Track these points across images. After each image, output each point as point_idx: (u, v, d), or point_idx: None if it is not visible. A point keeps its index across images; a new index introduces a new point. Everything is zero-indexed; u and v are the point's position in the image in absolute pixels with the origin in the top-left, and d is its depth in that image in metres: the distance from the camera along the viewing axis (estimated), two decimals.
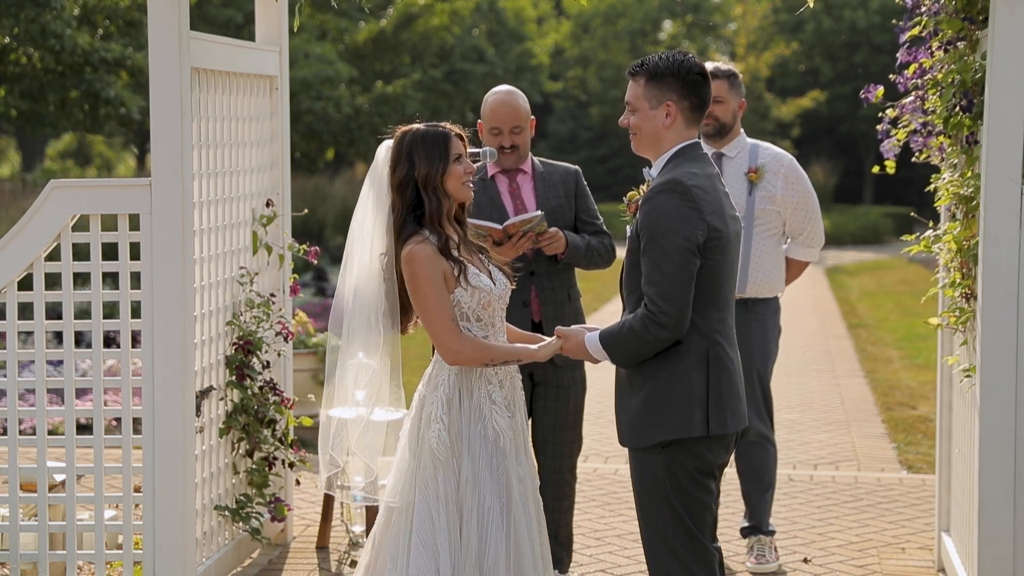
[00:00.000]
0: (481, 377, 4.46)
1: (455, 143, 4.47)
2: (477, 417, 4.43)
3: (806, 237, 6.44)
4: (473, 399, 4.44)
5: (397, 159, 4.45)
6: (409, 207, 4.42)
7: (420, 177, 4.41)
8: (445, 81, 26.85)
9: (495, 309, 4.49)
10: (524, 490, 4.49)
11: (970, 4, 5.16)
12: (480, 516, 4.38)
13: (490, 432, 4.42)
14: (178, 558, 5.33)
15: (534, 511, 4.53)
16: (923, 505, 7.32)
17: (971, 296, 5.19)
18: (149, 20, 5.20)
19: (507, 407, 4.50)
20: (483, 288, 4.43)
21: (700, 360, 4.19)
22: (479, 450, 4.41)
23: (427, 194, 4.41)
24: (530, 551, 4.44)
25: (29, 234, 5.37)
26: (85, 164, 38.50)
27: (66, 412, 5.44)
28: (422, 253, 4.36)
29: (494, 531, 4.37)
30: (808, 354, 13.11)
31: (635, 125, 4.31)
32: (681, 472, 4.21)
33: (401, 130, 4.50)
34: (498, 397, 4.48)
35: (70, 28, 16.74)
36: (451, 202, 4.47)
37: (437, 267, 4.37)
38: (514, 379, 4.58)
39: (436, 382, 4.47)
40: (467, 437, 4.41)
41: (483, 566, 4.36)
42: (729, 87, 6.30)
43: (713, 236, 4.16)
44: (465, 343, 4.38)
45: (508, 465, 4.44)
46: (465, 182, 4.47)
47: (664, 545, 4.24)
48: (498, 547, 4.37)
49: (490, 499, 4.39)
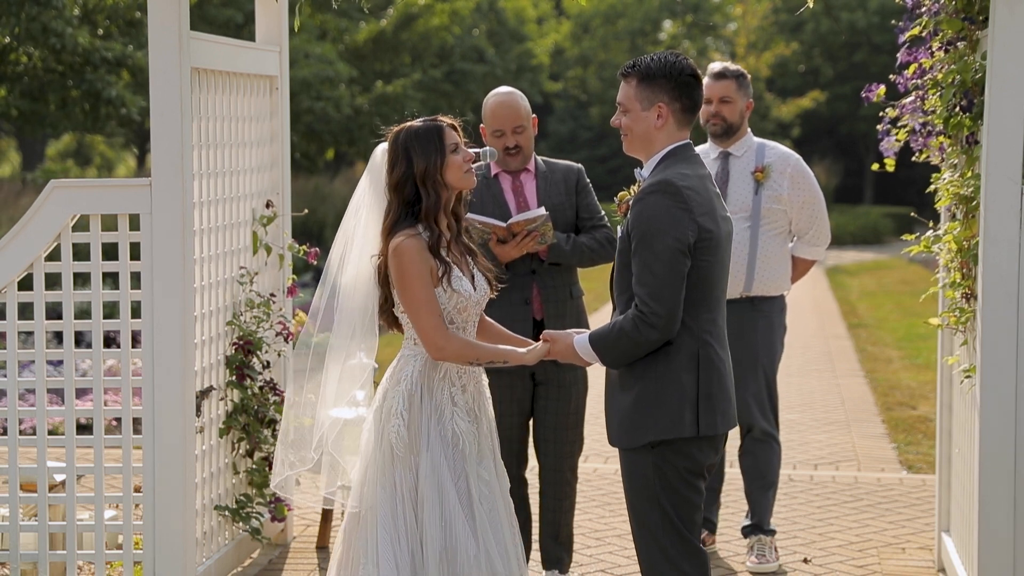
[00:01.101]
0: (445, 378, 4.46)
1: (449, 134, 4.47)
2: (437, 417, 4.42)
3: (812, 236, 6.45)
4: (434, 398, 4.44)
5: (394, 158, 4.45)
6: (406, 204, 4.43)
7: (419, 173, 4.41)
8: (445, 81, 26.86)
9: (470, 314, 4.50)
10: (489, 493, 4.48)
11: (970, 4, 5.15)
12: (444, 514, 4.37)
13: (449, 433, 4.42)
14: (178, 558, 5.33)
15: (504, 515, 4.51)
16: (923, 505, 7.32)
17: (971, 296, 5.19)
18: (149, 20, 5.20)
19: (468, 411, 4.48)
20: (462, 293, 4.44)
21: (691, 360, 4.19)
22: (439, 448, 4.40)
23: (425, 189, 4.42)
24: (501, 554, 4.44)
25: (29, 234, 5.37)
26: (85, 164, 38.49)
27: (66, 412, 5.44)
28: (411, 246, 4.36)
29: (460, 529, 4.37)
30: (808, 354, 13.11)
31: (627, 126, 4.31)
32: (671, 472, 4.22)
33: (395, 130, 4.51)
34: (460, 400, 4.47)
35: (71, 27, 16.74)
36: (450, 194, 4.47)
37: (425, 262, 4.37)
38: (479, 384, 4.57)
39: (399, 376, 4.46)
40: (426, 434, 4.40)
41: (455, 565, 4.36)
42: (737, 87, 6.31)
43: (704, 237, 4.16)
44: (452, 340, 4.38)
45: (468, 468, 4.44)
46: (467, 170, 4.48)
47: (655, 545, 4.25)
48: (467, 546, 4.36)
49: (452, 498, 4.38)
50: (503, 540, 4.47)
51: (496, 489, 4.53)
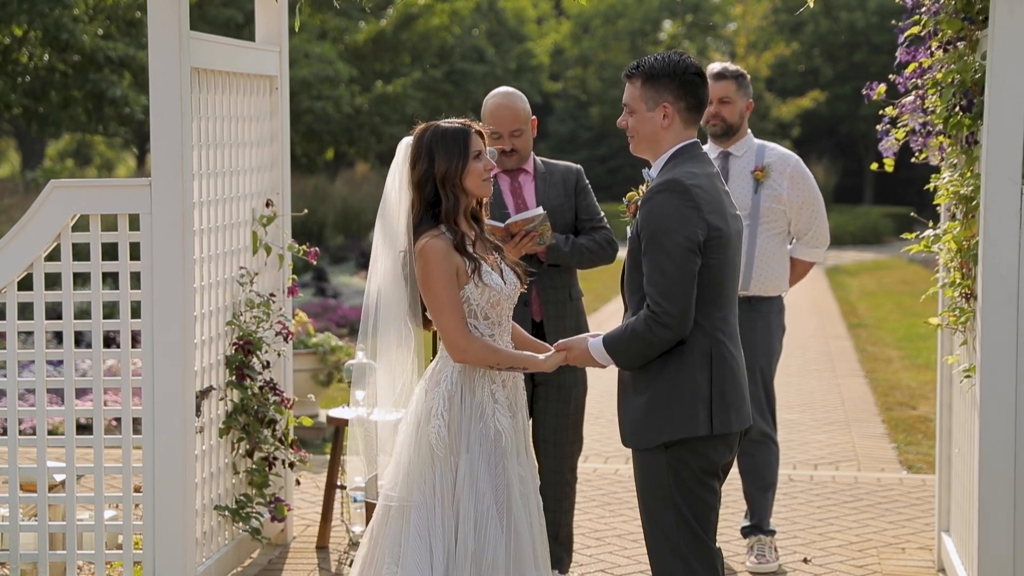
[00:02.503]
0: (485, 376, 4.46)
1: (475, 140, 4.48)
2: (479, 415, 4.43)
3: (811, 237, 6.45)
4: (476, 397, 4.44)
5: (417, 156, 4.47)
6: (427, 204, 4.44)
7: (439, 174, 4.42)
8: (445, 81, 26.85)
9: (503, 308, 4.50)
10: (525, 490, 4.49)
11: (970, 4, 5.15)
12: (477, 516, 4.38)
13: (491, 431, 4.42)
14: (178, 558, 5.33)
15: (535, 511, 4.53)
16: (923, 505, 7.32)
17: (971, 296, 5.19)
18: (149, 20, 5.20)
19: (509, 407, 4.50)
20: (494, 287, 4.44)
21: (703, 359, 4.19)
22: (478, 449, 4.41)
23: (445, 191, 4.43)
24: (530, 552, 4.44)
25: (29, 234, 5.37)
26: (85, 164, 38.49)
27: (66, 412, 5.44)
28: (435, 247, 4.37)
29: (492, 531, 4.37)
30: (808, 354, 13.11)
31: (633, 127, 4.31)
32: (686, 472, 4.21)
33: (421, 127, 4.51)
34: (501, 396, 4.48)
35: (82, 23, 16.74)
36: (469, 199, 4.49)
37: (450, 262, 4.38)
38: (517, 379, 4.58)
39: (439, 378, 4.47)
40: (467, 435, 4.42)
41: (481, 566, 4.36)
42: (737, 87, 6.32)
43: (714, 235, 4.15)
44: (473, 342, 4.39)
45: (508, 464, 4.44)
46: (485, 179, 4.49)
47: (668, 545, 4.24)
48: (496, 548, 4.37)
49: (488, 499, 4.38)
50: (532, 539, 4.47)
51: (531, 486, 4.53)
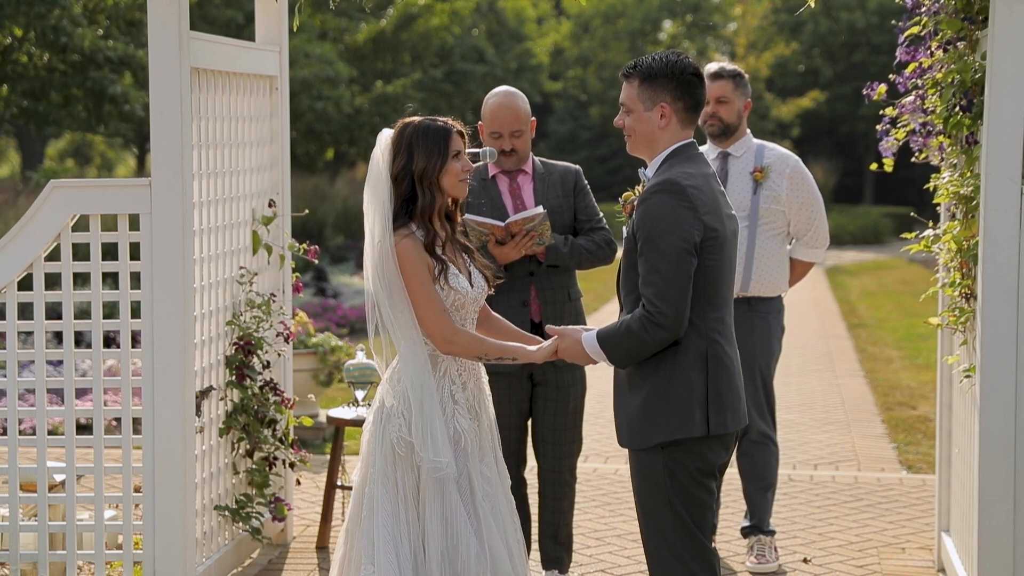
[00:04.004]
0: (445, 376, 4.48)
1: (455, 139, 4.49)
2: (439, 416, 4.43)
3: (810, 238, 6.45)
4: (435, 398, 4.44)
5: (396, 150, 4.48)
6: (403, 199, 4.45)
7: (417, 171, 4.45)
8: (445, 81, 26.84)
9: (468, 311, 4.53)
10: (492, 490, 4.50)
11: (969, 4, 5.15)
12: (445, 514, 4.39)
13: (450, 431, 4.44)
14: (178, 558, 5.33)
15: (505, 509, 4.53)
16: (923, 505, 7.32)
17: (971, 296, 5.19)
18: (149, 20, 5.20)
19: (469, 409, 4.51)
20: (459, 290, 4.46)
21: (699, 360, 4.19)
22: None
23: (422, 188, 4.45)
24: (504, 551, 4.45)
25: (29, 234, 5.37)
26: (85, 164, 38.47)
27: (66, 412, 5.44)
28: (407, 246, 4.41)
29: (462, 529, 4.38)
30: (808, 354, 13.11)
31: (630, 127, 4.31)
32: (682, 472, 4.21)
33: (403, 122, 4.52)
34: (460, 398, 4.50)
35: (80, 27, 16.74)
36: (445, 198, 4.51)
37: (422, 260, 4.41)
38: (479, 382, 4.59)
39: (399, 377, 4.48)
40: (427, 435, 4.41)
41: (456, 565, 4.37)
42: (734, 87, 6.31)
43: (710, 236, 4.15)
44: (460, 334, 4.42)
45: (470, 465, 4.46)
46: (462, 179, 4.50)
47: (665, 545, 4.24)
48: (468, 545, 4.37)
49: (453, 497, 4.40)
50: (505, 537, 4.49)
51: (498, 486, 4.54)
